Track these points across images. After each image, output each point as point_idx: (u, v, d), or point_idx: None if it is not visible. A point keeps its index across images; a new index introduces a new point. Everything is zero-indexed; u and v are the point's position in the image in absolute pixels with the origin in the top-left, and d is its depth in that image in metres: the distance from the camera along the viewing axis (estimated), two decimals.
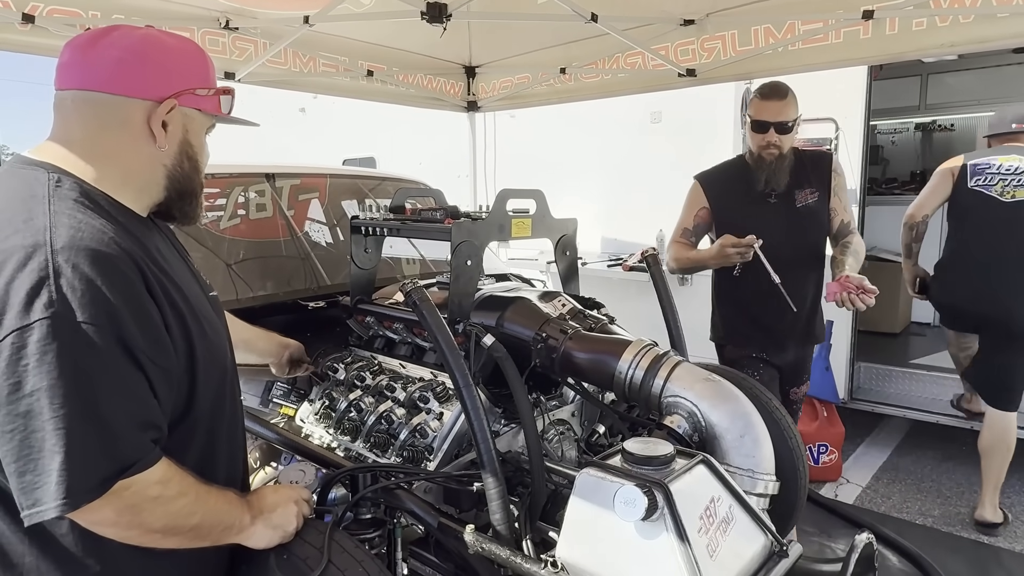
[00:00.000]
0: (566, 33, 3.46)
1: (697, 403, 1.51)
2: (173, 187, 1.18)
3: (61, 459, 0.92)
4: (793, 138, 2.44)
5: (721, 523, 1.20)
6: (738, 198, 2.55)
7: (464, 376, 1.42)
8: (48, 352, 0.92)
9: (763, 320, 2.55)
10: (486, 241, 1.86)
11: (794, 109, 2.40)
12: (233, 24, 3.07)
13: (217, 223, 2.62)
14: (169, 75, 1.13)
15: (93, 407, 0.95)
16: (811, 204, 2.50)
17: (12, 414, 0.92)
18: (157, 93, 1.11)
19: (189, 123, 1.17)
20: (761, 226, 2.37)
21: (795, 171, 2.48)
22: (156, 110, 1.11)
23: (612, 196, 5.30)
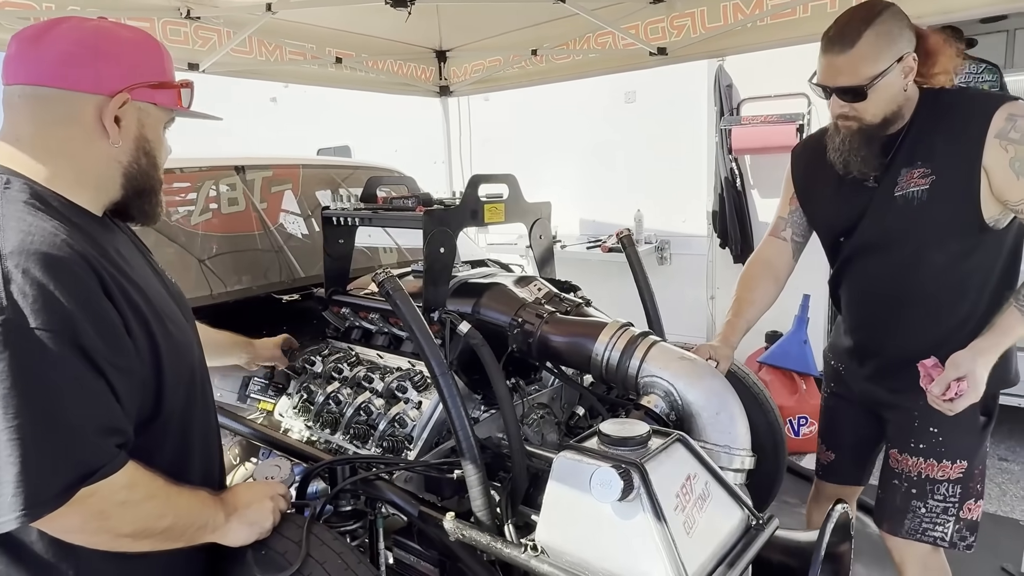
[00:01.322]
0: (536, 14, 3.43)
1: (673, 382, 1.52)
2: (130, 185, 1.14)
3: (18, 470, 0.89)
4: (891, 97, 1.54)
5: (698, 500, 1.21)
6: (824, 179, 1.74)
7: (440, 364, 1.41)
8: (0, 361, 0.89)
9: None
10: (459, 228, 1.85)
11: (871, 63, 1.48)
12: (194, 13, 3.00)
13: (188, 218, 2.58)
14: (121, 68, 1.08)
15: (50, 415, 0.93)
16: (915, 193, 1.57)
17: None
18: (108, 87, 1.07)
19: (144, 118, 1.13)
20: (845, 224, 1.71)
21: (917, 134, 1.59)
22: (108, 105, 1.07)
23: (590, 177, 5.30)
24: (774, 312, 2.05)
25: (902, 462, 1.71)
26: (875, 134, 1.58)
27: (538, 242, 2.18)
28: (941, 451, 1.65)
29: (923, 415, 1.64)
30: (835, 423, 1.96)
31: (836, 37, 1.51)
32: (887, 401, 1.75)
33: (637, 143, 4.99)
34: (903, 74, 1.52)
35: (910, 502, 1.69)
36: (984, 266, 1.60)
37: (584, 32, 3.54)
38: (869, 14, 1.50)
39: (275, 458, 1.52)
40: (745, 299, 1.85)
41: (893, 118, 1.57)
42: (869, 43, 1.47)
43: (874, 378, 1.77)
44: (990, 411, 1.67)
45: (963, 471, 1.65)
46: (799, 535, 1.36)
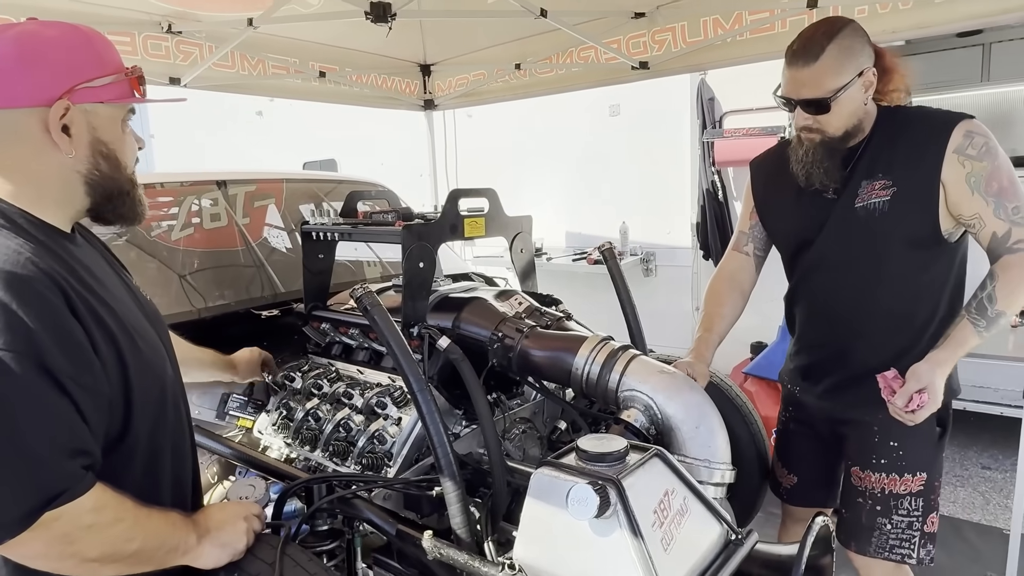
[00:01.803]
0: (519, 29, 3.45)
1: (653, 396, 1.52)
2: (96, 192, 1.10)
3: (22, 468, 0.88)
4: (852, 111, 1.57)
5: (676, 515, 1.20)
6: (784, 191, 1.76)
7: (418, 380, 1.40)
8: None
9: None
10: (439, 242, 1.84)
11: (834, 76, 1.51)
12: (176, 28, 2.99)
13: (168, 234, 2.56)
14: (54, 72, 1.01)
15: (13, 437, 0.90)
16: (876, 204, 1.59)
17: None
18: (45, 96, 1.00)
19: (94, 119, 1.06)
20: (805, 235, 1.72)
21: (877, 147, 1.62)
22: (49, 115, 1.01)
23: (575, 190, 5.32)
24: (759, 322, 2.06)
25: (864, 479, 1.72)
26: (837, 146, 1.62)
27: (519, 256, 2.18)
28: (902, 464, 1.68)
29: (883, 429, 1.67)
30: (794, 446, 1.97)
31: (800, 51, 1.55)
32: (845, 417, 1.76)
33: (622, 155, 5.02)
34: (864, 88, 1.57)
35: (875, 519, 1.70)
36: (939, 278, 1.64)
37: (567, 46, 3.56)
38: (831, 29, 1.54)
39: (250, 477, 1.50)
40: (715, 314, 1.86)
41: (854, 131, 1.61)
42: (832, 57, 1.51)
43: (830, 395, 1.77)
44: (944, 422, 1.71)
45: (923, 483, 1.68)
46: (780, 548, 1.36)
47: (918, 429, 1.60)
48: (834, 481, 1.93)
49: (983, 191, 1.52)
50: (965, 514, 3.27)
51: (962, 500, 3.40)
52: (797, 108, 1.59)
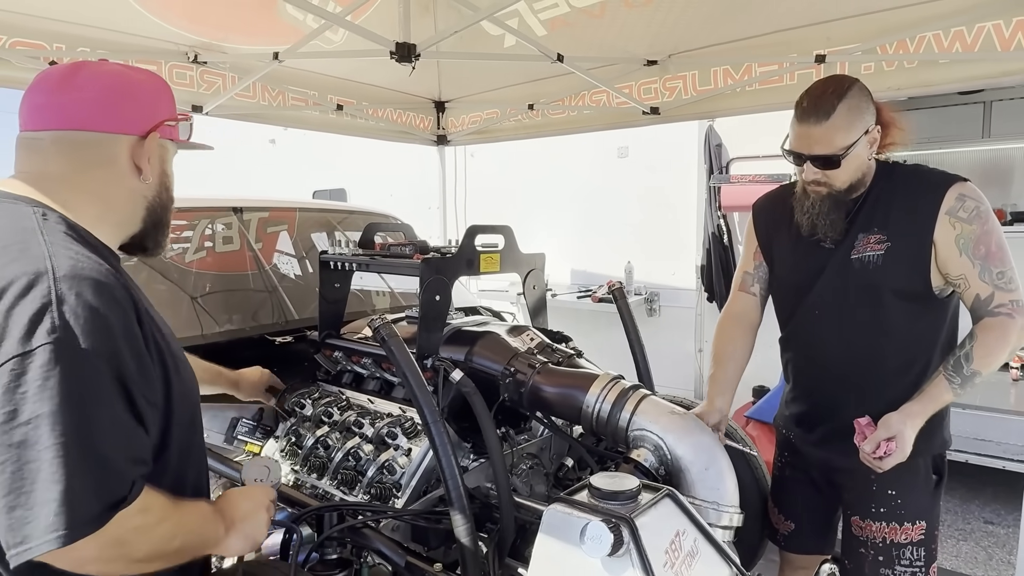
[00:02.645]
0: (533, 71, 3.55)
1: (663, 436, 1.53)
2: (151, 218, 1.18)
3: (61, 489, 0.88)
4: (858, 166, 1.63)
5: (687, 556, 1.21)
6: (782, 236, 1.83)
7: (432, 412, 1.42)
8: (50, 378, 0.89)
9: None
10: (455, 276, 1.88)
11: (844, 133, 1.57)
12: (202, 58, 3.08)
13: (183, 256, 2.59)
14: (146, 109, 1.14)
15: (91, 439, 0.92)
16: (871, 257, 1.64)
17: (4, 444, 0.88)
18: (140, 128, 1.12)
19: (164, 154, 1.19)
20: (800, 282, 1.77)
21: (874, 202, 1.68)
22: (143, 145, 1.12)
23: (581, 228, 5.39)
24: (761, 367, 2.07)
25: (865, 528, 1.73)
26: (842, 199, 1.67)
27: (531, 292, 2.21)
28: (901, 513, 1.69)
29: (881, 478, 1.67)
30: (790, 493, 1.97)
31: (811, 109, 1.59)
32: (841, 466, 1.76)
33: (628, 197, 5.11)
34: (869, 144, 1.62)
35: (878, 570, 1.71)
36: (931, 331, 1.68)
37: (580, 89, 3.66)
38: (840, 88, 1.59)
39: (262, 458, 1.49)
40: (724, 354, 1.87)
41: (858, 185, 1.67)
42: (842, 116, 1.57)
43: (825, 444, 1.78)
44: (940, 471, 1.73)
45: (923, 532, 1.69)
46: None
47: (915, 477, 1.65)
48: (831, 528, 1.93)
49: (971, 253, 1.57)
50: (968, 568, 3.24)
51: (965, 554, 3.36)
52: (807, 163, 1.64)
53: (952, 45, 2.55)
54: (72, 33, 2.77)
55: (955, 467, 1.76)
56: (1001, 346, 1.57)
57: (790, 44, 2.88)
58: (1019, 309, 1.57)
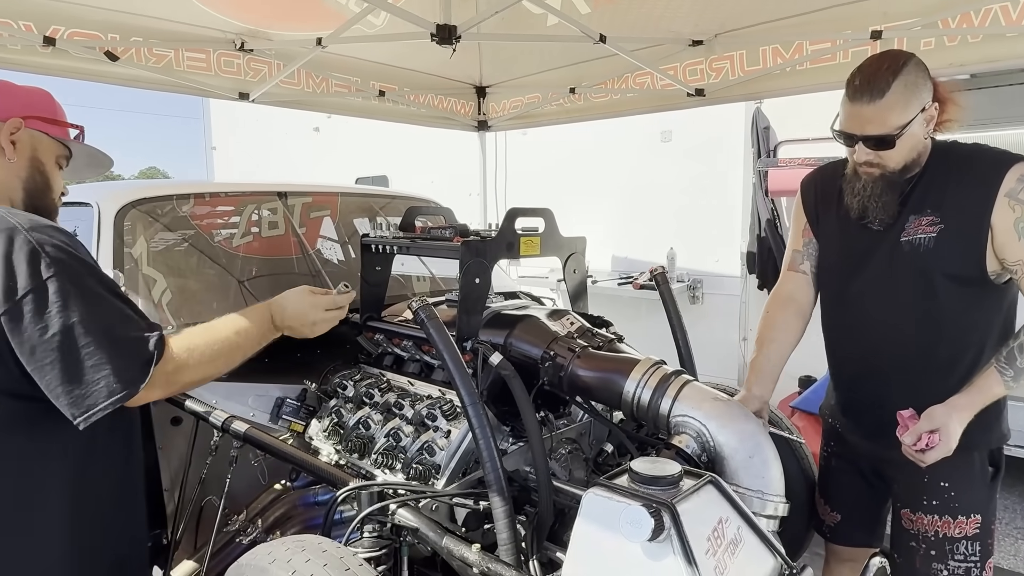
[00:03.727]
0: (575, 53, 3.50)
1: (706, 423, 1.50)
2: (30, 200, 1.38)
3: (106, 370, 1.18)
4: (913, 145, 1.55)
5: (729, 545, 1.18)
6: (830, 215, 1.76)
7: (471, 394, 1.42)
8: (67, 297, 1.16)
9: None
10: (495, 259, 1.87)
11: (900, 112, 1.49)
12: (248, 46, 3.13)
13: (230, 240, 2.66)
14: (14, 103, 1.39)
15: (112, 329, 1.21)
16: (922, 240, 1.57)
17: (47, 350, 1.15)
18: (2, 114, 1.35)
19: (37, 143, 1.40)
20: (852, 267, 1.70)
21: (929, 183, 1.60)
22: (3, 127, 1.35)
23: (623, 214, 5.32)
24: (808, 356, 2.01)
25: (916, 522, 1.67)
26: (896, 180, 1.59)
27: (572, 276, 2.19)
28: (955, 506, 1.62)
29: (933, 470, 1.59)
30: (837, 483, 1.92)
31: (865, 87, 1.51)
32: (890, 458, 1.68)
33: (672, 182, 5.01)
34: (925, 123, 1.54)
35: (931, 565, 1.64)
36: (984, 321, 1.59)
37: (623, 72, 3.60)
38: (896, 64, 1.51)
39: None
40: (767, 338, 1.82)
41: (912, 165, 1.59)
42: (898, 93, 1.49)
43: (874, 435, 1.72)
44: (997, 463, 1.65)
45: (979, 526, 1.62)
46: None
47: (970, 469, 1.59)
48: (879, 520, 1.87)
49: None
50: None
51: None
52: (859, 144, 1.56)
53: (1021, 17, 2.41)
54: (126, 23, 2.85)
55: (1016, 463, 1.68)
56: None
57: (844, 20, 2.76)
58: None
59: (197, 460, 1.95)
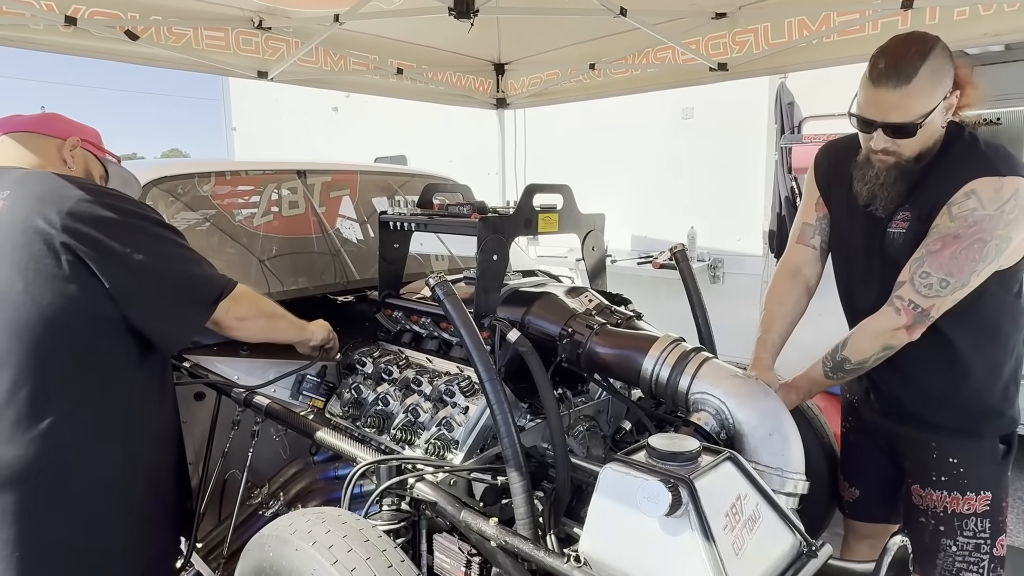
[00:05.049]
0: (595, 28, 3.44)
1: (725, 400, 1.49)
2: None
3: (201, 276, 1.58)
4: (931, 134, 1.51)
5: (748, 521, 1.18)
6: (845, 196, 1.70)
7: (489, 370, 1.42)
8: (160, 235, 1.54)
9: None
10: (512, 236, 1.86)
11: (925, 100, 1.43)
12: (266, 24, 3.13)
13: (251, 220, 2.68)
14: (72, 128, 1.69)
15: (197, 258, 1.59)
16: (896, 235, 1.59)
17: (157, 293, 1.50)
18: (64, 134, 1.65)
19: (89, 160, 1.70)
20: (855, 249, 1.72)
21: (929, 177, 1.55)
22: (65, 143, 1.64)
23: (643, 193, 5.26)
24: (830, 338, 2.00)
25: (925, 497, 1.67)
26: (910, 169, 1.55)
27: (590, 254, 2.17)
28: (964, 483, 1.62)
29: (941, 446, 1.63)
30: (855, 459, 1.92)
31: (891, 71, 1.44)
32: (901, 434, 1.71)
33: (693, 160, 4.93)
34: (945, 111, 1.49)
35: (939, 540, 1.65)
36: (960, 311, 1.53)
37: (643, 47, 3.53)
38: (923, 49, 1.44)
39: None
40: (775, 312, 1.82)
41: (927, 154, 1.54)
42: (925, 80, 1.42)
43: (885, 412, 1.73)
44: (1009, 441, 1.65)
45: (989, 503, 1.62)
46: (854, 566, 1.31)
47: (979, 446, 1.60)
48: (897, 496, 1.86)
49: (926, 244, 1.48)
50: None
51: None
52: (878, 130, 1.50)
53: None
54: (145, 2, 2.85)
55: None
56: (872, 339, 1.52)
57: None
58: (910, 312, 1.47)
59: (220, 435, 1.98)
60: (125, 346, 1.50)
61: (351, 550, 1.25)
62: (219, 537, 2.02)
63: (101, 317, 1.44)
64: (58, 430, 1.39)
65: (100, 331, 1.46)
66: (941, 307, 1.47)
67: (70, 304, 1.39)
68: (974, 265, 1.44)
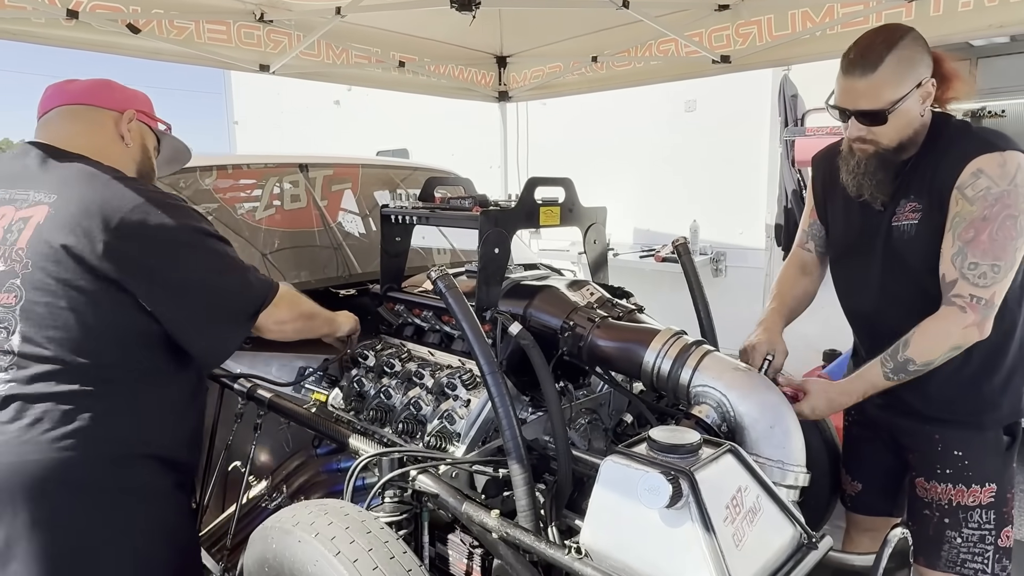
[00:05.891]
0: (598, 20, 3.43)
1: (726, 393, 1.49)
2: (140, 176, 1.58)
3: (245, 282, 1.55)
4: (908, 122, 1.52)
5: (748, 513, 1.18)
6: (840, 195, 1.72)
7: (490, 363, 1.42)
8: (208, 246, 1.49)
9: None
10: (514, 229, 1.85)
11: (893, 87, 1.46)
12: (268, 17, 3.12)
13: (253, 213, 2.68)
14: (126, 98, 1.61)
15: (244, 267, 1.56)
16: (906, 227, 1.57)
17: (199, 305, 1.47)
18: (121, 106, 1.59)
19: (144, 133, 1.64)
20: (850, 245, 1.73)
21: (921, 165, 1.56)
22: (122, 118, 1.57)
23: (645, 186, 5.25)
24: (833, 330, 2.02)
25: (930, 490, 1.68)
26: (891, 158, 1.57)
27: (592, 247, 2.17)
28: (968, 475, 1.62)
29: (945, 439, 1.64)
30: (857, 452, 1.93)
31: (858, 60, 1.49)
32: (904, 427, 1.72)
33: (696, 153, 4.92)
34: (921, 99, 1.52)
35: (944, 532, 1.65)
36: None
37: (646, 39, 3.52)
38: (891, 37, 1.48)
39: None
40: (787, 292, 1.88)
41: (908, 144, 1.56)
42: (891, 68, 1.46)
43: (887, 406, 1.73)
44: (1014, 432, 1.65)
45: (993, 495, 1.62)
46: (854, 558, 1.31)
47: (983, 438, 1.61)
48: (899, 489, 1.88)
49: (958, 234, 1.47)
50: None
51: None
52: (851, 119, 1.54)
53: None
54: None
55: None
56: (940, 339, 1.49)
57: None
58: (976, 307, 1.45)
59: (223, 427, 1.99)
60: (161, 358, 1.47)
61: (353, 541, 1.25)
62: (223, 529, 2.03)
63: (140, 332, 1.41)
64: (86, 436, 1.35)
65: (138, 344, 1.42)
66: (1000, 293, 1.46)
67: (108, 319, 1.37)
68: (1014, 242, 1.45)
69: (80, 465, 1.34)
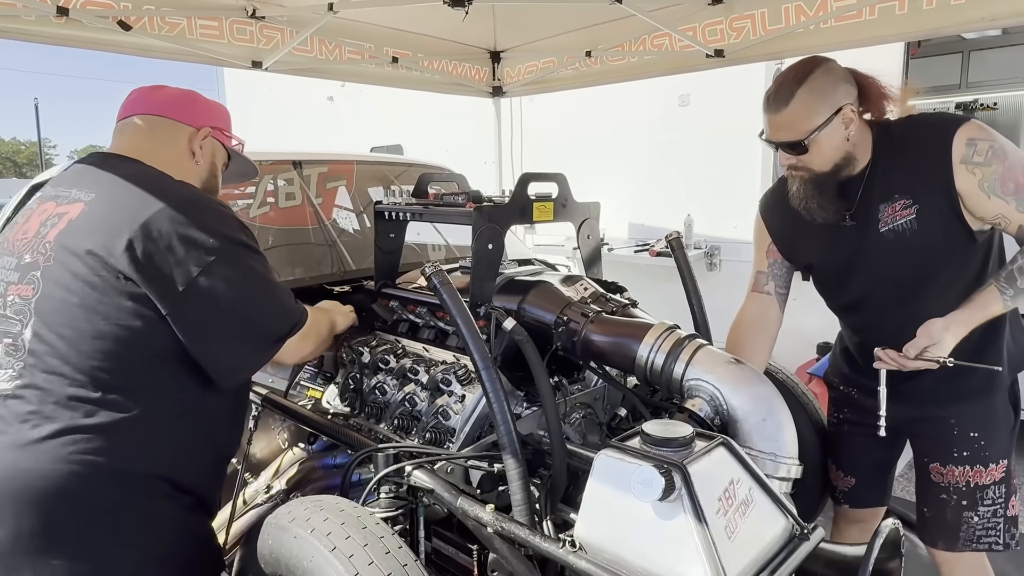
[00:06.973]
0: (591, 15, 3.42)
1: (719, 386, 1.50)
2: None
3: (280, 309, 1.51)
4: (835, 147, 1.60)
5: (740, 505, 1.19)
6: (801, 226, 1.77)
7: (484, 358, 1.43)
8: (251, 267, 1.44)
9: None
10: (507, 225, 1.86)
11: (807, 119, 1.56)
12: (260, 13, 3.10)
13: (247, 211, 2.67)
14: (205, 113, 1.60)
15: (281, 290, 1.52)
16: (904, 225, 1.60)
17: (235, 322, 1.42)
18: (198, 123, 1.58)
19: (215, 150, 1.63)
20: (836, 266, 1.76)
21: (885, 170, 1.63)
22: (197, 135, 1.57)
23: (640, 181, 5.25)
24: (827, 323, 2.03)
25: (947, 475, 1.71)
26: (827, 181, 1.65)
27: (586, 242, 2.18)
28: (985, 455, 1.67)
29: (961, 422, 1.68)
30: (850, 449, 1.96)
31: (773, 96, 1.61)
32: (915, 416, 1.74)
33: (690, 147, 4.92)
34: (844, 125, 1.59)
35: (962, 514, 1.69)
36: (984, 264, 1.65)
37: (640, 34, 3.51)
38: (801, 73, 1.59)
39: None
40: (752, 359, 1.81)
41: (844, 163, 1.64)
42: (802, 101, 1.56)
43: (897, 399, 1.71)
44: (1018, 407, 1.73)
45: (1005, 470, 1.68)
46: (846, 549, 1.33)
47: (995, 417, 1.67)
48: (889, 480, 1.96)
49: (1000, 192, 1.52)
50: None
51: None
52: (779, 150, 1.65)
53: None
54: None
55: None
56: None
57: None
58: None
59: None
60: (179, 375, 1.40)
61: (349, 537, 1.26)
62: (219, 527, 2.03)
63: (153, 343, 1.35)
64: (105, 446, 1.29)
65: (152, 356, 1.36)
66: None
67: (121, 323, 1.30)
68: None
69: (78, 479, 1.26)
